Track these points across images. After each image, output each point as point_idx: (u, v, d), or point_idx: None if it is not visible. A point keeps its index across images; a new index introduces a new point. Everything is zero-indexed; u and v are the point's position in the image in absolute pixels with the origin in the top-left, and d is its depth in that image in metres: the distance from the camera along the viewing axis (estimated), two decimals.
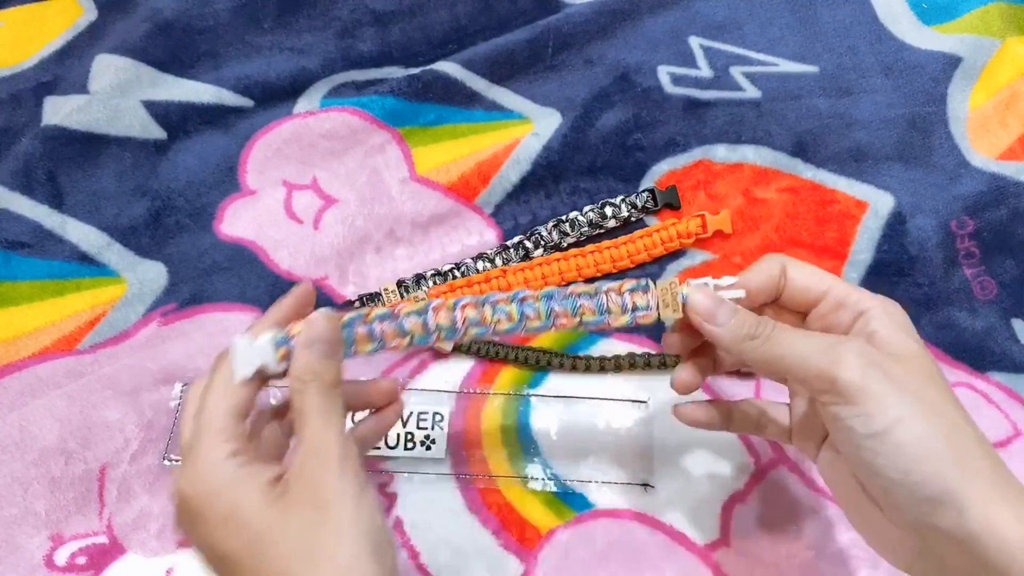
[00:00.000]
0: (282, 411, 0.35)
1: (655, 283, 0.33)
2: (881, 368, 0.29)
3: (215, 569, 0.29)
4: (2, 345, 0.48)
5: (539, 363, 0.47)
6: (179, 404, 0.46)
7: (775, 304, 0.35)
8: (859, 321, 0.32)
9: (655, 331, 0.48)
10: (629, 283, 0.33)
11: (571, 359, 0.47)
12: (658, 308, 0.33)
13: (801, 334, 0.31)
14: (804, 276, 0.34)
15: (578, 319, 0.33)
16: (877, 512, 0.30)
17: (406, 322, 0.33)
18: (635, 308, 0.33)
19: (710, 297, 0.32)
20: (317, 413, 0.30)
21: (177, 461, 0.44)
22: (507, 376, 0.47)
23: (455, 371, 0.47)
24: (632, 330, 0.48)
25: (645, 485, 0.43)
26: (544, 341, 0.48)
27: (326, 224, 0.52)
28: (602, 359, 0.47)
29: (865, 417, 0.28)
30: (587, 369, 0.46)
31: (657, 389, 0.46)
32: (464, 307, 0.33)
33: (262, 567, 0.27)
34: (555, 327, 0.33)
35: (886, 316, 0.31)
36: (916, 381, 0.29)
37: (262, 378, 0.31)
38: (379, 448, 0.44)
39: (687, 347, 0.36)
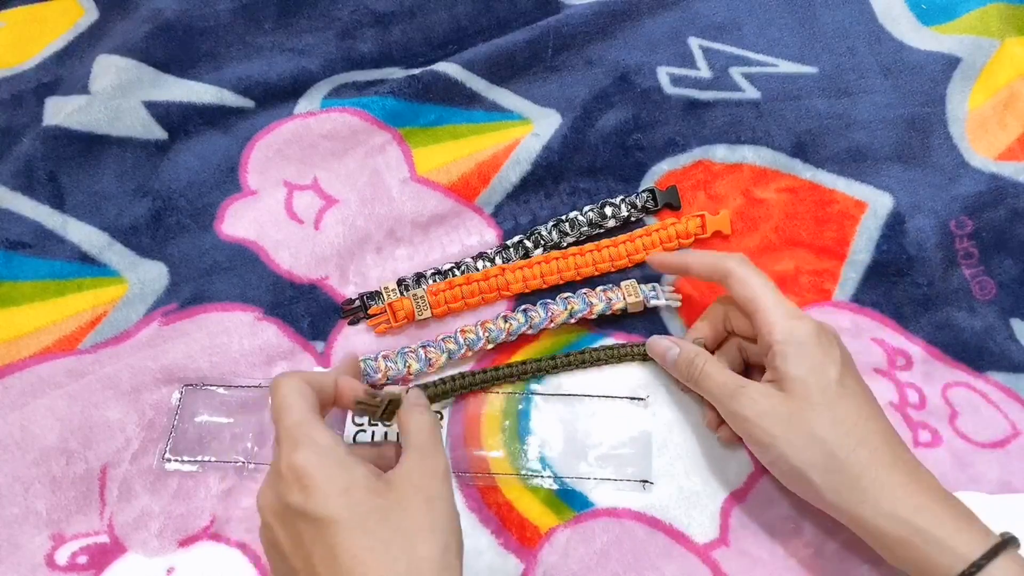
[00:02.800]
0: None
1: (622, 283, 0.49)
2: (774, 412, 0.38)
3: (305, 533, 0.32)
4: (3, 345, 0.48)
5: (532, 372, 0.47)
6: (179, 405, 0.46)
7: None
8: (770, 352, 0.39)
9: (651, 330, 0.48)
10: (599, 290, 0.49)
11: (564, 357, 0.47)
12: (624, 299, 0.48)
13: (716, 373, 0.41)
14: (737, 295, 0.41)
15: (568, 311, 0.47)
16: None
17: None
18: (609, 300, 0.48)
19: (661, 344, 0.45)
20: (425, 430, 0.36)
21: (176, 460, 0.44)
22: None
23: (454, 372, 0.47)
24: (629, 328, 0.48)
25: (644, 482, 0.43)
26: (538, 349, 0.48)
27: (327, 224, 0.52)
28: (596, 350, 0.47)
29: (766, 452, 0.38)
30: (582, 363, 0.47)
31: (656, 387, 0.46)
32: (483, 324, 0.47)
33: (365, 538, 0.31)
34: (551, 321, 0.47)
35: (789, 349, 0.38)
36: (807, 413, 0.37)
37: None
38: None
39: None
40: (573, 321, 0.48)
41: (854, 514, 0.36)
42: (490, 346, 0.47)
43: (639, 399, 0.46)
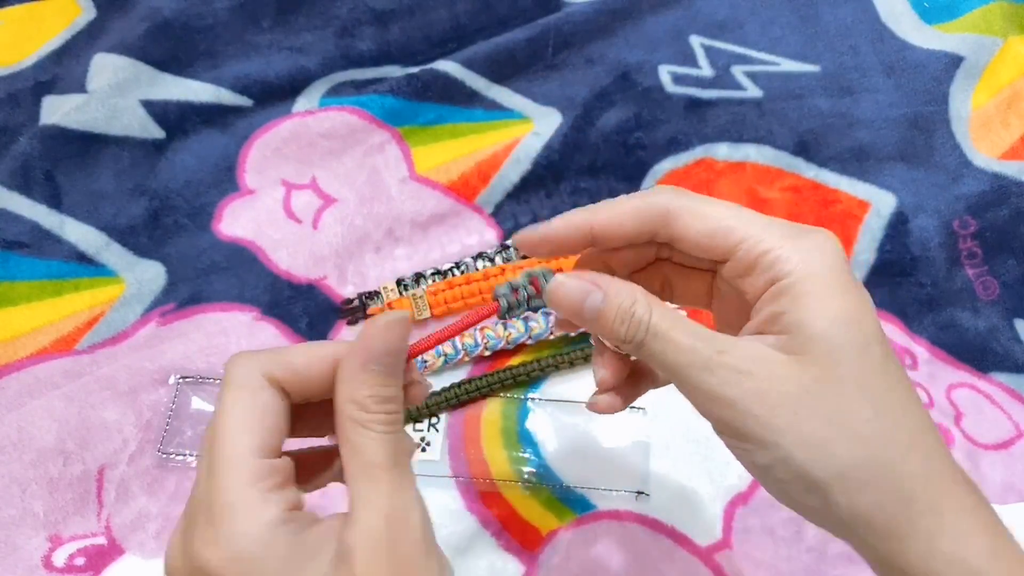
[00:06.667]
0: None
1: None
2: (779, 392, 0.23)
3: None
4: (0, 345, 0.48)
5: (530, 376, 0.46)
6: (176, 396, 0.45)
7: (672, 253, 0.27)
8: (771, 291, 0.24)
9: None
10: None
11: (564, 356, 0.46)
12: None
13: (680, 336, 0.24)
14: (699, 231, 0.25)
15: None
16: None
17: None
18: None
19: (567, 287, 0.26)
20: (388, 467, 0.23)
21: (172, 455, 0.44)
22: None
23: (452, 377, 0.47)
24: None
25: (639, 493, 0.43)
26: (533, 352, 0.48)
27: (325, 224, 0.52)
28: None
29: (762, 452, 0.23)
30: (584, 360, 0.46)
31: (656, 395, 0.46)
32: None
33: None
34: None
35: (807, 284, 0.24)
36: (833, 390, 0.23)
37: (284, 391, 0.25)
38: None
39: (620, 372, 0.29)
40: (573, 334, 0.47)
41: (893, 552, 0.24)
42: (487, 353, 0.47)
43: (639, 408, 0.45)
